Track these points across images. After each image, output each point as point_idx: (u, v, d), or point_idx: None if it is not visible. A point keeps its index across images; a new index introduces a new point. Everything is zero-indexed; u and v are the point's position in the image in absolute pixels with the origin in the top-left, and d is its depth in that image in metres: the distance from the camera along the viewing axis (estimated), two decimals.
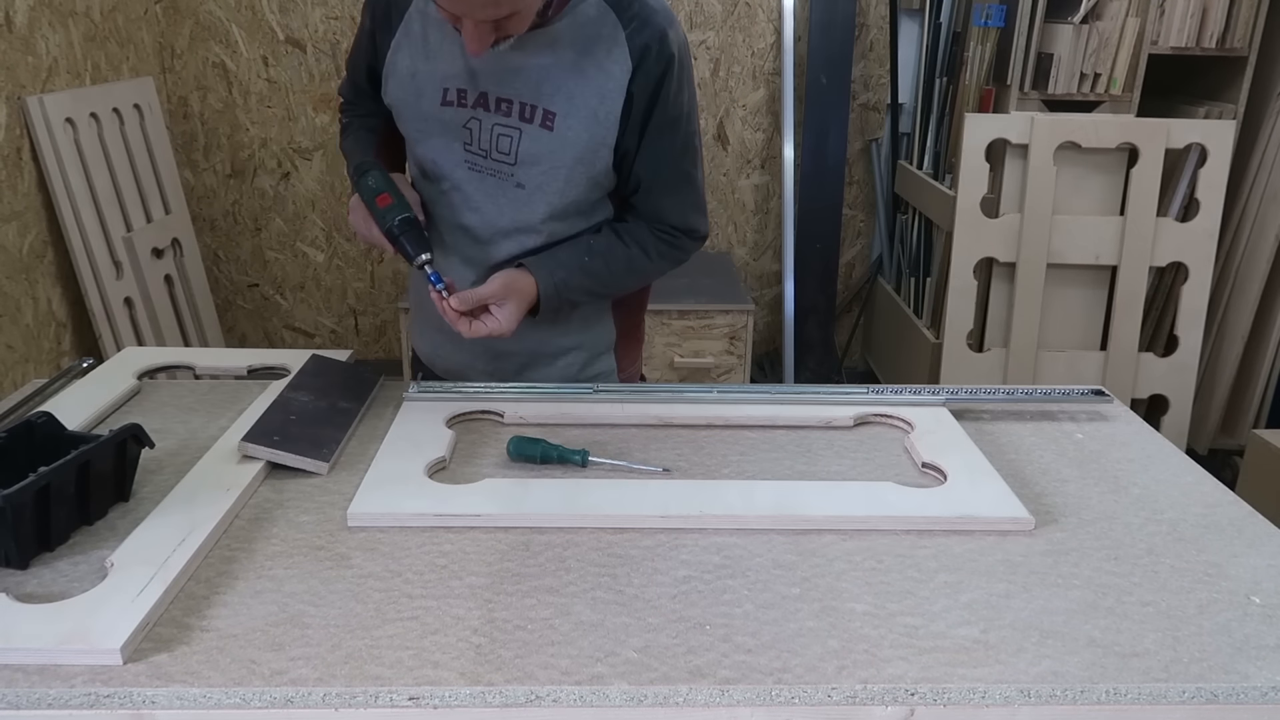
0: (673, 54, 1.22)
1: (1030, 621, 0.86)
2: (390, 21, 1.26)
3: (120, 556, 0.90)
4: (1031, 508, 1.04)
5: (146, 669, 0.77)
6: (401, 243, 1.23)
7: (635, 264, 1.32)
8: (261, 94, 3.17)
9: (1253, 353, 2.91)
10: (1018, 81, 2.71)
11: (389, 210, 1.23)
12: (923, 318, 3.10)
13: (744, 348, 2.90)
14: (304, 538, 0.97)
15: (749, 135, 3.32)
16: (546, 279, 1.26)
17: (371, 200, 1.23)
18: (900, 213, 3.30)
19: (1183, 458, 1.20)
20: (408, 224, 1.22)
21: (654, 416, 1.25)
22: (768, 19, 3.19)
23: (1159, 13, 2.64)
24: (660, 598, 0.88)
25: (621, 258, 1.32)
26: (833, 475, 1.13)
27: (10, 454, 0.96)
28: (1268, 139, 2.73)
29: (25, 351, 2.34)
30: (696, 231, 1.36)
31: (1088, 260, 2.68)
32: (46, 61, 2.46)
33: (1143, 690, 0.78)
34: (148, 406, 1.27)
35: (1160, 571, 0.95)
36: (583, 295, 1.31)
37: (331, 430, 1.17)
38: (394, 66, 1.26)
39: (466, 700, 0.76)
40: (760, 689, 0.77)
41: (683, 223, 1.33)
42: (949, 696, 0.77)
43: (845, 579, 0.92)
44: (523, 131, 1.23)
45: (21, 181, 2.34)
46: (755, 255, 3.50)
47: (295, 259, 3.39)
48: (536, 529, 0.99)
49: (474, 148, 1.25)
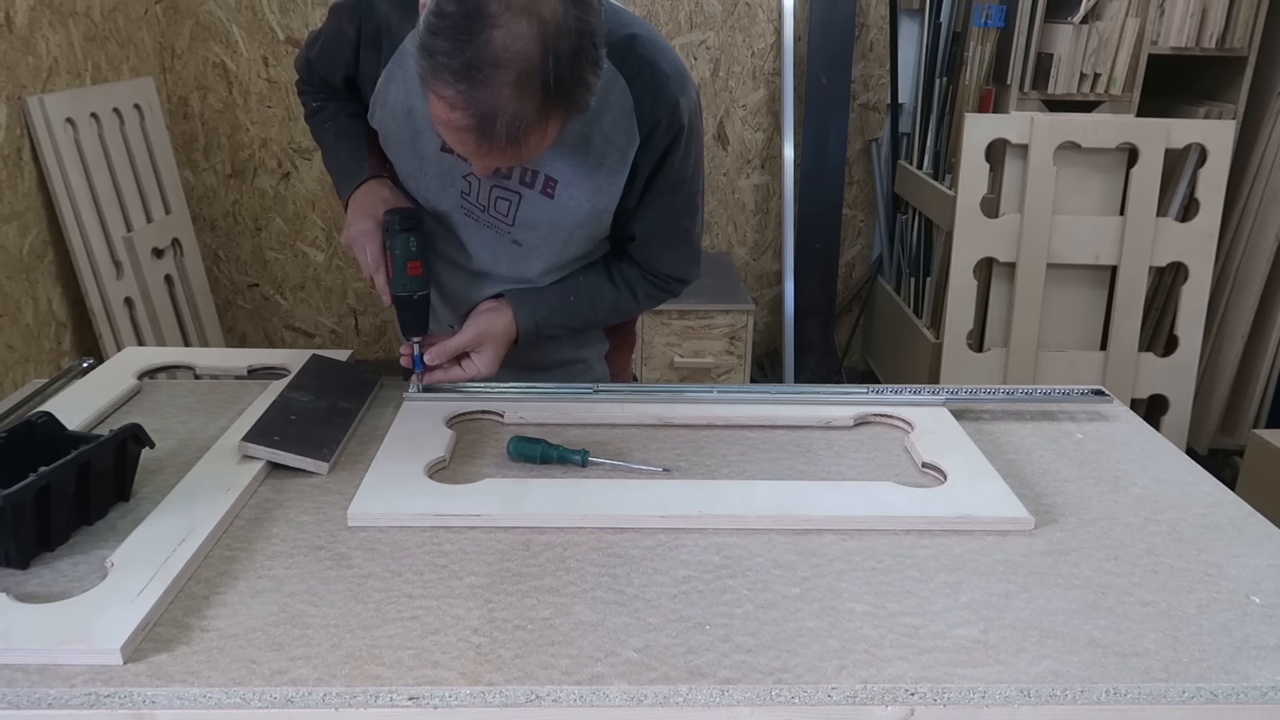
0: (683, 125, 1.17)
1: (1030, 621, 0.86)
2: (379, 43, 1.16)
3: (120, 556, 0.90)
4: (1031, 508, 1.04)
5: (146, 669, 0.77)
6: (408, 316, 1.22)
7: (621, 304, 1.33)
8: (262, 94, 3.17)
9: (1253, 353, 2.91)
10: (1018, 81, 2.71)
11: (415, 281, 1.20)
12: (923, 318, 3.10)
13: (744, 348, 2.90)
14: (304, 538, 0.97)
15: (749, 135, 3.32)
16: (528, 317, 1.26)
17: (404, 262, 1.18)
18: (900, 213, 3.30)
19: (1183, 458, 1.20)
20: (424, 301, 1.22)
21: (654, 416, 1.25)
22: (768, 19, 3.19)
23: (1159, 13, 2.64)
24: (660, 598, 0.88)
25: (608, 298, 1.31)
26: (833, 475, 1.13)
27: (10, 454, 0.96)
28: (1268, 139, 2.73)
29: (25, 351, 2.34)
30: (688, 281, 1.36)
31: (1088, 260, 2.68)
32: (47, 61, 2.46)
33: (1143, 690, 0.78)
34: (148, 406, 1.27)
35: (1160, 571, 0.95)
36: (562, 330, 1.32)
37: (331, 430, 1.17)
38: (385, 97, 1.18)
39: (466, 700, 0.76)
40: (760, 689, 0.77)
41: (675, 273, 1.34)
42: (949, 696, 0.77)
43: (845, 579, 0.92)
44: (522, 196, 1.19)
45: (22, 181, 2.34)
46: (755, 255, 3.50)
47: (295, 259, 3.39)
48: (536, 529, 0.99)
49: (471, 199, 1.22)
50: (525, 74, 0.91)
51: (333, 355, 1.36)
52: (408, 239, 1.18)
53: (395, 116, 1.18)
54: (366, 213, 1.22)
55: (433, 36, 0.92)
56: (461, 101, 0.93)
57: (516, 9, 0.90)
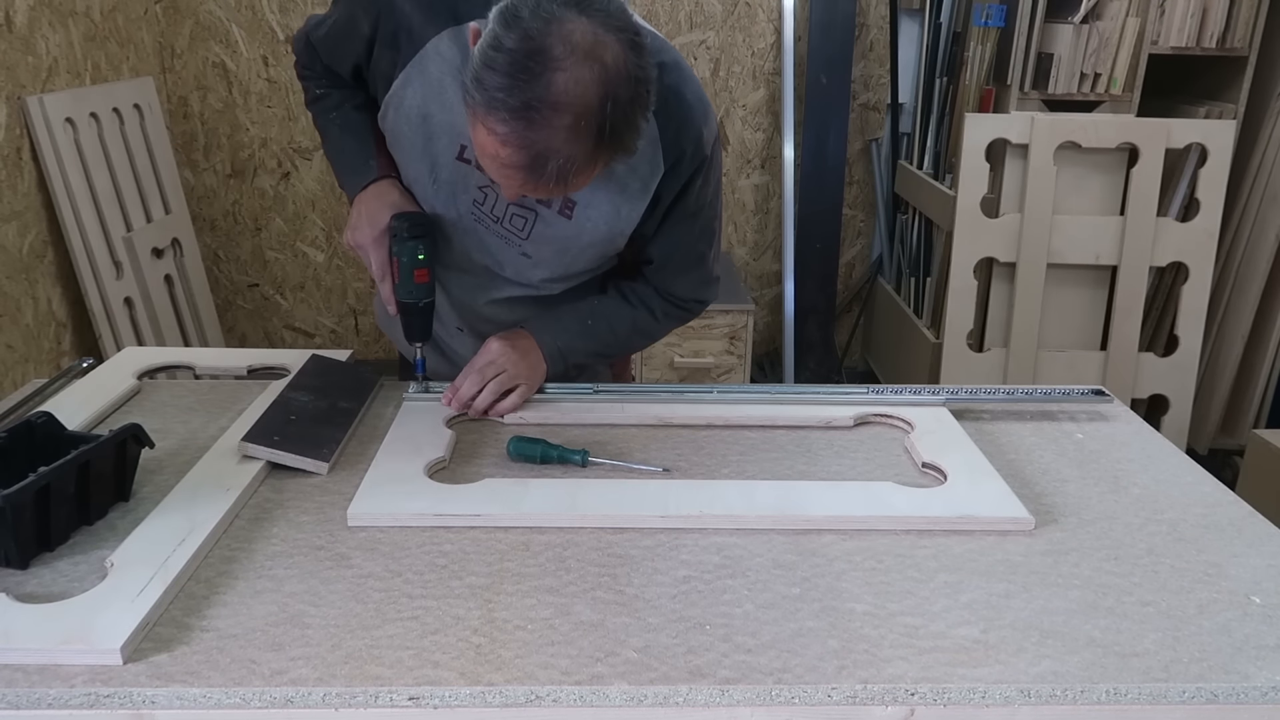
0: (706, 155, 1.17)
1: (1030, 621, 0.86)
2: (397, 43, 1.14)
3: (120, 556, 0.90)
4: (1031, 508, 1.04)
5: (146, 669, 0.77)
6: (413, 322, 1.22)
7: (641, 324, 1.32)
8: (261, 94, 3.17)
9: (1253, 353, 2.91)
10: (1018, 81, 2.71)
11: (422, 288, 1.19)
12: (923, 318, 3.10)
13: (744, 348, 2.90)
14: (304, 538, 0.97)
15: (749, 135, 3.32)
16: (550, 342, 1.26)
17: (411, 270, 1.18)
18: (900, 213, 3.30)
19: (1183, 458, 1.20)
20: (430, 309, 1.22)
21: (654, 416, 1.25)
22: (768, 19, 3.19)
23: (1159, 13, 2.64)
24: (660, 598, 0.88)
25: (626, 318, 1.31)
26: (833, 475, 1.13)
27: (10, 454, 0.96)
28: (1268, 139, 2.73)
29: (25, 351, 2.34)
30: (705, 303, 1.36)
31: (1088, 260, 2.68)
32: (46, 61, 2.46)
33: (1143, 690, 0.78)
34: (148, 406, 1.27)
35: (1160, 571, 0.95)
36: (589, 357, 1.31)
37: (331, 430, 1.17)
38: (400, 99, 1.15)
39: (466, 700, 0.76)
40: (760, 689, 0.77)
41: (691, 295, 1.33)
42: (949, 696, 0.77)
43: (845, 579, 0.92)
44: (539, 214, 1.19)
45: (21, 181, 2.34)
46: (755, 255, 3.50)
47: (295, 259, 3.39)
48: (536, 529, 0.99)
49: (484, 209, 1.20)
50: (583, 118, 0.91)
51: (333, 355, 1.36)
52: (415, 246, 1.17)
53: (409, 120, 1.16)
54: (374, 217, 1.21)
55: (489, 71, 0.91)
56: (515, 140, 0.92)
57: (580, 53, 0.90)
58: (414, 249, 1.17)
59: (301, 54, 1.30)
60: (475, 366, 1.23)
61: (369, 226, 1.21)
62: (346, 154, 1.28)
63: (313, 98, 1.33)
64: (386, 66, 1.16)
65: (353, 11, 1.17)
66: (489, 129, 0.93)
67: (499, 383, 1.22)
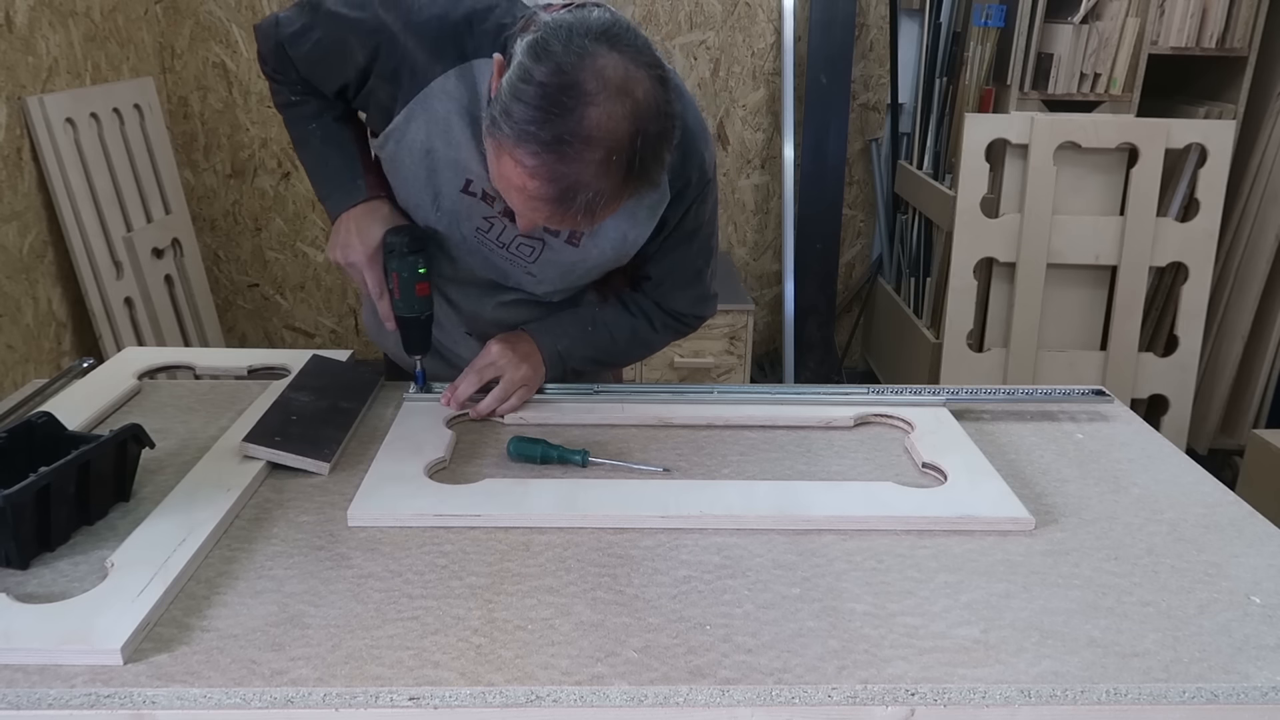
0: (709, 179, 1.19)
1: (1030, 621, 0.86)
2: (398, 79, 1.10)
3: (120, 556, 0.90)
4: (1031, 508, 1.04)
5: (146, 669, 0.77)
6: (413, 335, 1.22)
7: (640, 333, 1.34)
8: (262, 94, 3.17)
9: (1253, 353, 2.91)
10: (1018, 81, 2.71)
11: (423, 302, 1.19)
12: (923, 318, 3.10)
13: (744, 348, 2.90)
14: (304, 538, 0.97)
15: (749, 135, 3.32)
16: (550, 345, 1.27)
17: (411, 285, 1.17)
18: (900, 213, 3.30)
19: (1183, 458, 1.20)
20: (430, 321, 1.22)
21: (654, 416, 1.25)
22: (768, 19, 3.19)
23: (1159, 13, 2.63)
24: (660, 598, 0.88)
25: (626, 326, 1.32)
26: (833, 475, 1.13)
27: (10, 454, 0.96)
28: (1268, 139, 2.73)
29: (25, 351, 2.34)
30: (703, 318, 1.38)
31: (1088, 260, 2.68)
32: (46, 61, 2.46)
33: (1143, 690, 0.78)
34: (148, 406, 1.27)
35: (1160, 571, 0.95)
36: (586, 363, 1.32)
37: (332, 430, 1.17)
38: (402, 132, 1.12)
39: (466, 700, 0.76)
40: (760, 689, 0.77)
41: (689, 310, 1.35)
42: (949, 696, 0.77)
43: (845, 579, 0.92)
44: (546, 244, 1.19)
45: (21, 181, 2.34)
46: (755, 255, 3.50)
47: (295, 259, 3.39)
48: (536, 529, 0.99)
49: (489, 236, 1.19)
50: (614, 153, 0.91)
51: (333, 355, 1.36)
52: (416, 261, 1.16)
53: (412, 154, 1.13)
54: (365, 234, 1.18)
55: (519, 103, 0.91)
56: (545, 172, 0.92)
57: (612, 89, 0.90)
58: (414, 264, 1.16)
59: (270, 56, 1.22)
60: (475, 367, 1.24)
61: (361, 244, 1.18)
62: (330, 169, 1.24)
63: (286, 102, 1.26)
64: (385, 99, 1.13)
65: (343, 36, 1.12)
66: (517, 160, 0.93)
67: (500, 388, 1.23)
